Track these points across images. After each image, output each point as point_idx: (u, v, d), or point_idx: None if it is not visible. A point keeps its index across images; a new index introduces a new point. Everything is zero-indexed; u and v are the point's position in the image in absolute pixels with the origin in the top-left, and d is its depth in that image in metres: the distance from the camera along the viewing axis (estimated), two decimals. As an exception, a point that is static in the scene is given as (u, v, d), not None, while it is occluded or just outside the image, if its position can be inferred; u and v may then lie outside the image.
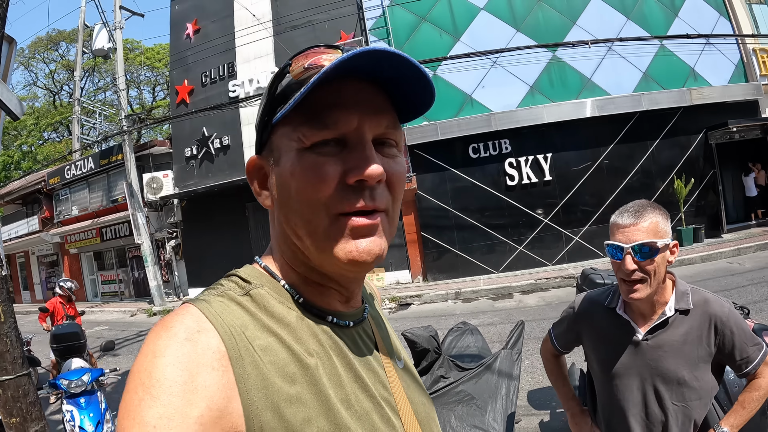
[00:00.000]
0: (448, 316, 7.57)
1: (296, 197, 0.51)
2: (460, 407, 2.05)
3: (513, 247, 9.89)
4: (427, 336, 2.22)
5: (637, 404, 1.33)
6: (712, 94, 10.48)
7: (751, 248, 9.16)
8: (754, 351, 1.29)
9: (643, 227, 1.21)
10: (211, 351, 0.46)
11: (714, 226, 10.35)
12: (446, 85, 10.19)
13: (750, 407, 1.31)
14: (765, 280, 6.85)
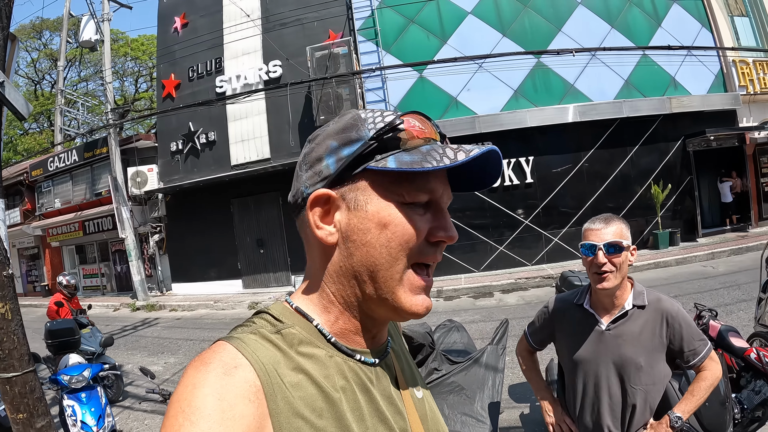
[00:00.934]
0: (430, 314, 7.56)
1: (385, 243, 0.55)
2: (452, 396, 2.25)
3: (494, 247, 10.02)
4: (423, 332, 2.39)
5: (603, 387, 1.55)
6: (691, 103, 10.73)
7: (725, 252, 9.40)
8: (700, 345, 1.53)
9: (611, 231, 1.50)
10: (247, 384, 0.49)
11: (690, 230, 10.60)
12: (432, 87, 10.31)
13: (699, 395, 1.53)
14: (737, 284, 7.05)
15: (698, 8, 11.80)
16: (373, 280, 0.57)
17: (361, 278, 0.57)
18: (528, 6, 10.72)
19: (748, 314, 5.36)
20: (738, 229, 11.20)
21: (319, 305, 0.60)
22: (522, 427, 3.60)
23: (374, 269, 0.56)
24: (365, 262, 0.56)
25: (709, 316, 3.15)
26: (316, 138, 0.61)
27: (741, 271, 7.97)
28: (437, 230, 0.58)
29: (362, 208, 0.56)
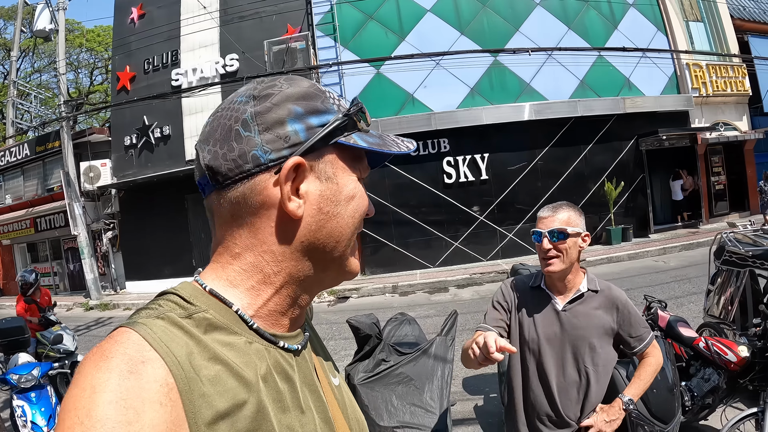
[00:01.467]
0: (385, 308, 7.61)
1: (352, 214, 0.57)
2: (400, 387, 2.25)
3: (449, 243, 10.01)
4: (369, 323, 2.40)
5: (558, 366, 1.59)
6: (645, 104, 10.95)
7: (676, 248, 9.61)
8: (645, 332, 1.63)
9: (557, 218, 1.57)
10: (158, 384, 0.42)
11: (642, 226, 10.80)
12: (389, 83, 10.27)
13: (646, 379, 1.63)
14: (687, 278, 7.22)
15: (654, 13, 12.08)
16: (335, 249, 0.57)
17: (323, 249, 0.56)
18: (486, 5, 10.80)
19: (698, 306, 5.49)
20: (689, 225, 11.47)
21: (245, 287, 0.55)
22: (476, 419, 3.59)
23: (340, 239, 0.57)
24: (334, 233, 0.56)
25: (657, 307, 3.18)
26: (270, 97, 0.54)
27: (691, 265, 8.15)
28: (370, 206, 0.62)
29: (332, 180, 0.56)
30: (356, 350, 2.49)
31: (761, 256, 3.16)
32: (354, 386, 2.27)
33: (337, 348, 5.56)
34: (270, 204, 0.53)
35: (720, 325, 3.40)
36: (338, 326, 6.60)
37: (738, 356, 2.61)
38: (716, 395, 2.75)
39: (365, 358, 2.40)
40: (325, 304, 8.71)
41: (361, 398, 2.25)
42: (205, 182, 0.55)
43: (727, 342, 2.78)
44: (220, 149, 0.53)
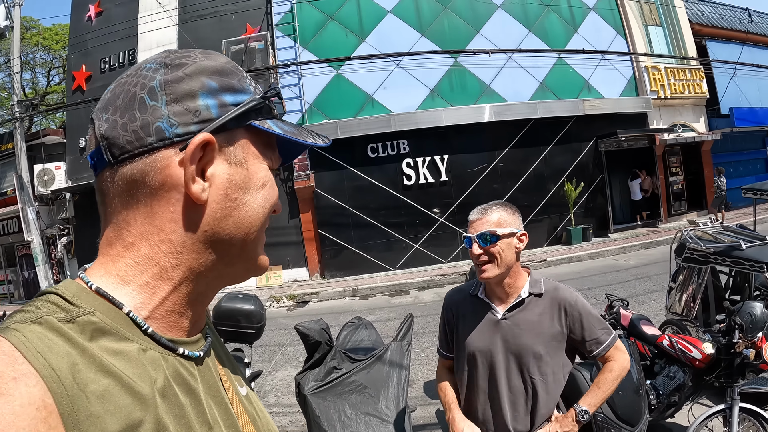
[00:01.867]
0: (345, 312, 7.51)
1: (262, 203, 0.52)
2: (354, 396, 2.14)
3: (409, 245, 9.95)
4: (318, 329, 2.28)
5: (502, 379, 1.48)
6: (604, 106, 11.11)
7: (635, 247, 9.75)
8: (602, 334, 1.49)
9: (487, 220, 1.47)
10: (34, 407, 0.34)
11: (602, 226, 10.94)
12: (348, 85, 10.18)
13: (605, 387, 1.48)
14: (647, 276, 7.33)
15: (614, 17, 12.29)
16: (243, 243, 0.51)
17: (230, 241, 0.50)
18: (447, 7, 10.82)
19: (659, 304, 5.53)
20: (648, 224, 11.66)
21: (138, 283, 0.47)
22: (438, 424, 3.52)
23: (249, 231, 0.51)
24: (242, 223, 0.50)
25: (619, 306, 3.12)
26: (184, 66, 0.48)
27: (651, 263, 8.29)
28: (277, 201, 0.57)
29: (243, 166, 0.50)
30: (306, 358, 2.37)
31: (722, 252, 3.16)
32: (304, 396, 2.16)
33: (296, 354, 5.42)
34: (171, 185, 0.46)
35: (683, 322, 3.40)
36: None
37: (703, 353, 2.59)
38: (682, 393, 2.73)
39: (316, 366, 2.28)
40: (285, 308, 8.55)
41: (313, 409, 2.13)
42: (98, 156, 0.48)
43: (692, 339, 2.76)
44: (120, 118, 0.46)
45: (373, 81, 10.12)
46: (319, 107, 10.13)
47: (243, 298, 3.03)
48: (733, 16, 16.26)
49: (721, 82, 13.55)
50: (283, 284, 9.97)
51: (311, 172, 9.77)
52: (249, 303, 2.97)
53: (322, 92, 10.16)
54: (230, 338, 3.02)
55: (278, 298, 8.87)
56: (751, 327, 2.34)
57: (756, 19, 16.89)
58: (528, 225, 10.23)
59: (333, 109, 10.04)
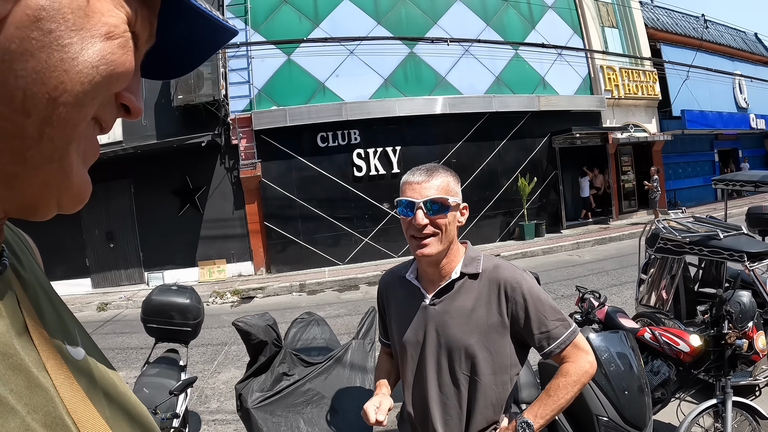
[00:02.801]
0: (293, 308, 7.21)
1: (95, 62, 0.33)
2: (309, 409, 1.79)
3: (359, 239, 9.65)
4: (263, 326, 1.87)
5: (431, 374, 1.22)
6: (559, 102, 11.15)
7: (589, 242, 9.83)
8: (556, 326, 1.17)
9: (434, 184, 1.18)
10: None
11: (554, 222, 11.01)
12: (300, 71, 9.78)
13: (556, 395, 1.16)
14: (603, 270, 7.41)
15: (572, 16, 12.38)
16: (46, 115, 0.31)
17: (23, 100, 0.31)
18: (406, -4, 10.57)
19: (619, 298, 5.53)
20: (600, 221, 11.82)
21: None
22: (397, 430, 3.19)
23: (58, 93, 0.31)
24: (51, 74, 0.31)
25: (592, 299, 2.93)
26: None
27: (606, 258, 8.41)
28: (130, 90, 0.38)
29: None
30: (248, 362, 1.96)
31: (699, 242, 3.05)
32: (247, 410, 1.76)
33: (241, 354, 5.01)
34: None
35: (656, 315, 3.30)
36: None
37: (691, 346, 2.45)
38: (667, 388, 2.58)
39: (261, 371, 1.88)
40: (228, 304, 8.14)
41: (258, 427, 1.73)
42: None
43: (677, 331, 2.62)
44: None
45: (326, 68, 9.75)
46: (268, 93, 9.67)
47: (177, 291, 2.72)
48: (687, 22, 16.81)
49: (674, 84, 13.95)
50: (226, 279, 9.51)
51: (258, 161, 9.31)
52: (184, 296, 2.67)
53: (272, 78, 9.71)
54: (163, 336, 2.71)
55: (221, 294, 8.42)
56: (741, 317, 2.23)
57: (711, 27, 17.56)
58: (480, 220, 10.12)
59: (283, 95, 9.61)
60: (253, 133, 9.33)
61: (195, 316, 2.67)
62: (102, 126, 0.37)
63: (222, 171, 9.59)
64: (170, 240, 9.48)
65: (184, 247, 9.53)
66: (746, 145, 18.58)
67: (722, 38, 18.04)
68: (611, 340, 2.01)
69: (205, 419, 3.52)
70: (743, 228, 3.09)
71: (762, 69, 18.59)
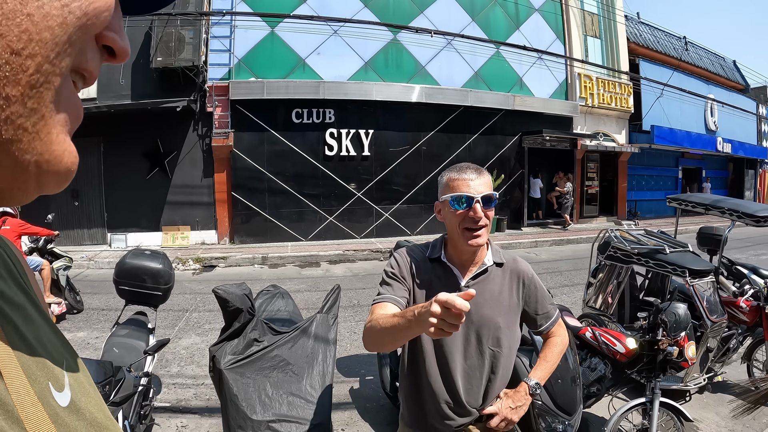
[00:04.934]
0: (254, 280, 7.24)
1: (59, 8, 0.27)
2: (275, 373, 1.95)
3: (323, 217, 9.78)
4: (240, 294, 2.01)
5: (458, 348, 1.38)
6: (533, 104, 11.43)
7: (547, 242, 10.17)
8: (552, 309, 1.48)
9: (484, 181, 1.35)
10: None
11: (516, 219, 11.33)
12: (282, 45, 9.76)
13: (552, 360, 1.47)
14: (558, 270, 7.67)
15: (557, 21, 12.64)
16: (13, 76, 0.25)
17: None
18: (395, -18, 10.62)
19: (570, 297, 5.74)
20: (560, 223, 12.21)
21: None
22: (353, 403, 3.34)
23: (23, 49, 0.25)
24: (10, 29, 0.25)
25: None
26: None
27: (562, 259, 8.69)
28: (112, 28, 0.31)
29: None
30: (223, 327, 2.07)
31: (647, 254, 3.25)
32: (220, 371, 1.88)
33: (201, 321, 5.10)
34: None
35: (600, 317, 3.46)
36: (203, 297, 6.10)
37: (626, 347, 2.62)
38: (602, 384, 2.76)
39: (234, 336, 2.00)
40: (190, 272, 8.14)
41: (230, 386, 1.86)
42: None
43: (615, 333, 2.79)
44: None
45: (308, 44, 9.76)
46: (248, 64, 9.64)
47: (150, 255, 2.76)
48: (668, 42, 17.29)
49: (648, 100, 14.39)
50: (189, 246, 9.49)
51: (231, 131, 9.31)
52: (157, 261, 2.72)
53: (253, 49, 9.67)
54: (134, 299, 2.75)
55: (184, 261, 8.43)
56: (675, 326, 2.41)
57: (691, 50, 18.11)
58: (446, 210, 10.36)
59: (262, 67, 9.59)
60: (229, 103, 9.31)
61: (166, 281, 2.71)
62: (85, 77, 0.31)
63: (194, 137, 9.54)
64: (136, 203, 9.40)
65: (150, 211, 9.47)
66: (711, 166, 19.26)
67: (701, 61, 18.64)
68: None
69: (165, 383, 3.57)
70: (690, 246, 3.29)
71: (735, 96, 19.26)
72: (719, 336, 3.27)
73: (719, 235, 4.46)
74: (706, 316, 3.10)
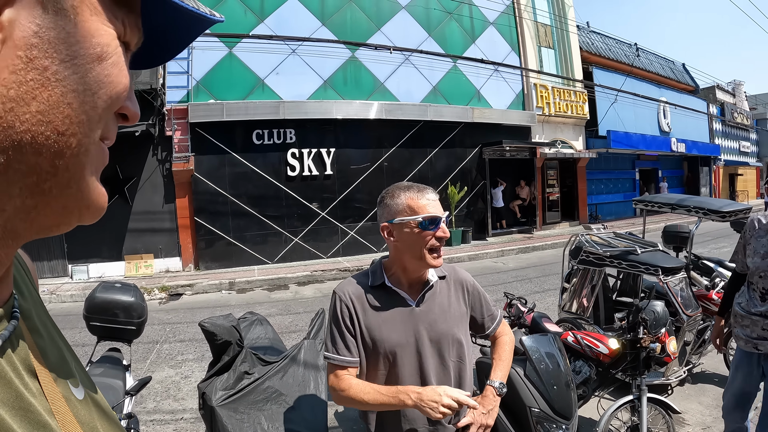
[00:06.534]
0: (223, 306, 7.09)
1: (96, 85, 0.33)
2: (269, 405, 1.90)
3: (289, 238, 9.77)
4: (228, 326, 1.95)
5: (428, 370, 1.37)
6: (492, 115, 11.75)
7: (513, 251, 10.38)
8: (495, 310, 1.54)
9: (439, 201, 1.37)
10: None
11: (481, 230, 11.57)
12: (240, 65, 9.74)
13: (507, 359, 1.52)
14: (527, 278, 7.79)
15: (511, 34, 13.05)
16: (59, 150, 0.31)
17: (32, 144, 0.30)
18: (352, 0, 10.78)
19: (542, 304, 5.78)
20: (524, 231, 12.54)
21: None
22: (339, 426, 3.29)
23: (65, 128, 0.31)
24: (55, 112, 0.30)
25: (519, 305, 3.13)
26: None
27: (529, 266, 8.86)
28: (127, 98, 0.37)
29: (68, 18, 0.31)
30: (211, 361, 2.00)
31: (619, 256, 3.34)
32: (212, 409, 1.82)
33: (173, 352, 4.95)
34: None
35: (577, 320, 3.52)
36: (172, 327, 5.95)
37: (609, 348, 2.69)
38: (588, 386, 2.81)
39: (224, 371, 1.93)
40: (156, 301, 7.92)
41: (223, 424, 1.80)
42: None
43: (597, 335, 2.84)
44: None
45: (266, 64, 9.78)
46: (206, 86, 9.57)
47: (121, 288, 2.64)
48: (620, 49, 18.07)
49: (602, 106, 14.99)
50: (153, 275, 9.27)
51: (191, 154, 9.20)
52: (128, 294, 2.59)
53: (211, 70, 9.61)
54: (106, 335, 2.63)
55: (149, 290, 8.20)
56: (654, 323, 2.48)
57: (642, 55, 18.95)
58: (411, 224, 10.51)
59: (221, 89, 9.55)
60: (189, 126, 9.21)
61: (139, 315, 2.60)
62: (106, 141, 0.37)
63: (154, 162, 9.39)
64: (97, 231, 9.13)
65: (111, 240, 9.22)
66: (666, 166, 20.14)
67: (652, 66, 19.54)
68: (541, 341, 2.21)
69: (143, 419, 3.48)
70: (659, 245, 3.41)
71: (686, 97, 20.26)
72: (695, 329, 3.41)
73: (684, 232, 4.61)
74: (681, 311, 3.25)
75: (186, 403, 3.76)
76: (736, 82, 26.70)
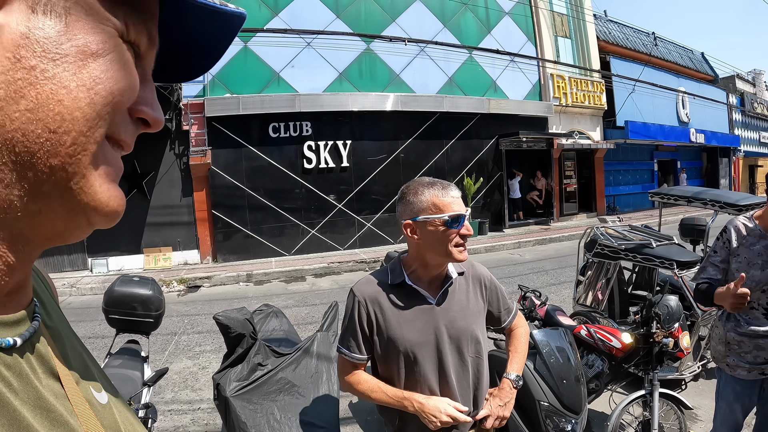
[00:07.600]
0: (240, 298, 7.17)
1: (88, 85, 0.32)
2: (282, 396, 1.94)
3: (306, 230, 9.78)
4: (241, 319, 2.00)
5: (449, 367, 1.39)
6: (508, 106, 11.60)
7: (530, 242, 10.29)
8: (511, 303, 1.55)
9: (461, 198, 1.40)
10: None
11: (497, 221, 11.48)
12: (255, 59, 9.75)
13: (523, 351, 1.55)
14: (543, 270, 7.73)
15: (527, 24, 12.86)
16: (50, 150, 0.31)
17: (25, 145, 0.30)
18: (366, -9, 10.71)
19: (558, 296, 5.73)
20: (541, 222, 12.40)
21: None
22: (353, 417, 3.31)
23: (59, 127, 0.31)
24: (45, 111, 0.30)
25: (533, 297, 3.12)
26: None
27: (546, 258, 8.78)
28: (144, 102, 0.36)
29: (61, 17, 0.31)
30: (225, 353, 2.04)
31: (634, 249, 3.31)
32: (226, 399, 1.86)
33: (191, 344, 5.01)
34: None
35: (592, 314, 3.50)
36: (190, 318, 6.02)
37: (623, 342, 2.68)
38: (600, 380, 2.80)
39: (237, 362, 1.98)
40: (175, 294, 8.02)
41: (237, 414, 1.84)
42: None
43: (610, 329, 2.83)
44: None
45: (282, 58, 9.77)
46: (222, 80, 9.61)
47: (139, 282, 2.70)
48: (638, 38, 17.71)
49: (620, 96, 14.72)
50: (172, 267, 9.37)
51: (208, 148, 9.26)
52: (146, 287, 2.65)
53: (227, 64, 9.63)
54: (124, 328, 2.69)
55: (168, 282, 8.32)
56: (668, 318, 2.46)
57: (660, 44, 18.56)
58: (427, 216, 10.45)
59: (237, 83, 9.58)
60: (205, 120, 9.26)
61: (157, 308, 2.65)
62: (122, 146, 0.36)
63: (171, 157, 9.47)
64: (115, 226, 8.79)
65: (130, 234, 9.34)
66: (685, 157, 19.74)
67: (670, 55, 19.13)
68: (552, 335, 2.20)
69: (161, 410, 3.53)
70: (675, 238, 3.35)
71: (705, 87, 19.79)
72: (710, 324, 3.32)
73: (701, 225, 4.56)
74: (696, 306, 3.20)
75: (203, 394, 3.80)
76: (756, 72, 26.00)
